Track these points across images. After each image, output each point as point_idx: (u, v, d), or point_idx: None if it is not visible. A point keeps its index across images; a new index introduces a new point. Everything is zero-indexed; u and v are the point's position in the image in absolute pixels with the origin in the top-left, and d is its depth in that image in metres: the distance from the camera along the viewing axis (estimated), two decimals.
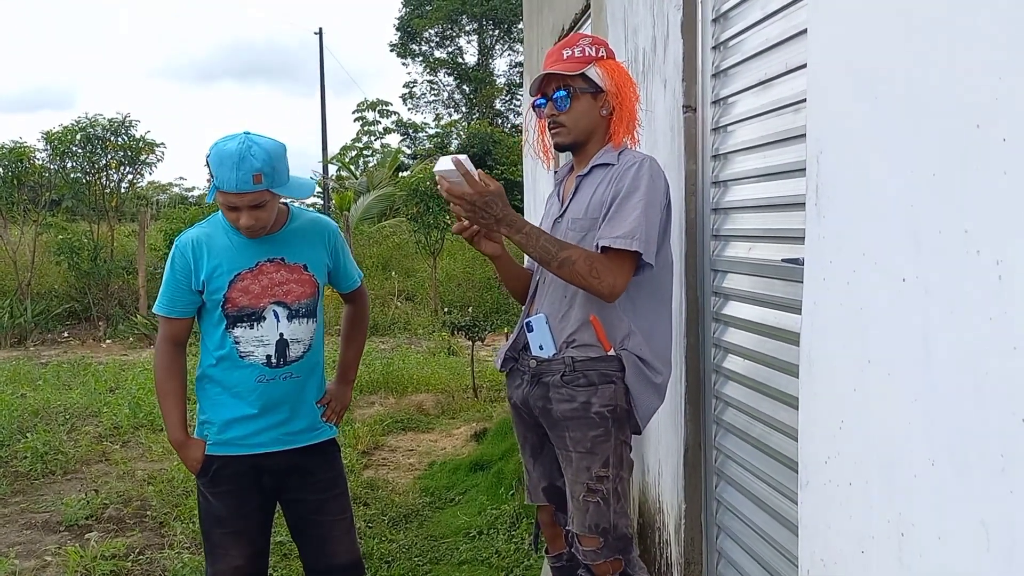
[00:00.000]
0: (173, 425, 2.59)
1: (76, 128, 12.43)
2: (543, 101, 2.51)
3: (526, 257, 2.52)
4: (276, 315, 2.56)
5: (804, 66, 1.77)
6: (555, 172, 2.71)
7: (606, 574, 2.41)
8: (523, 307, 2.59)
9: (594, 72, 2.43)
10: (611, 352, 2.36)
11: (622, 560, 2.41)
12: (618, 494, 2.39)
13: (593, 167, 2.46)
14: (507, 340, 2.73)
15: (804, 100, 1.75)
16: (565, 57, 2.45)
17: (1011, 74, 1.08)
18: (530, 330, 2.46)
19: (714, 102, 2.61)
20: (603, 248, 2.28)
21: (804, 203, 1.67)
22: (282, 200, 2.58)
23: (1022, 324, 1.07)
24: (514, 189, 21.65)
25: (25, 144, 12.38)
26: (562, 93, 2.45)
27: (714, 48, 2.60)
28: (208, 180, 2.48)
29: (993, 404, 1.13)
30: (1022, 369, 1.07)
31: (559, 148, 2.54)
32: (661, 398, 2.46)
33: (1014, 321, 1.08)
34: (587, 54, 2.45)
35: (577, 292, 2.38)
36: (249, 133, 2.45)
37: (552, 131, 2.51)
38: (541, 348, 2.44)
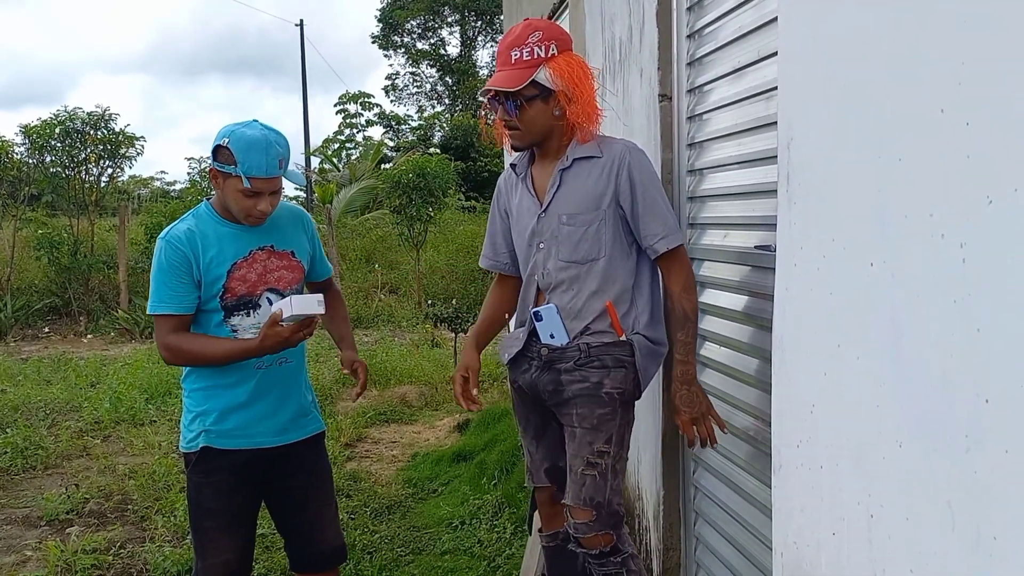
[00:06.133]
0: (243, 343, 2.49)
1: (55, 122, 12.26)
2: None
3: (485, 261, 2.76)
4: (270, 302, 2.57)
5: (776, 54, 1.78)
6: (512, 166, 2.63)
7: (596, 547, 2.42)
8: (521, 302, 2.60)
9: (544, 76, 2.35)
10: (623, 338, 2.40)
11: (613, 535, 2.42)
12: (615, 471, 2.42)
13: (574, 160, 2.43)
14: (508, 333, 2.74)
15: (776, 88, 1.76)
16: (513, 60, 2.37)
17: (974, 60, 1.09)
18: (539, 319, 2.47)
19: (689, 90, 2.61)
20: (661, 254, 2.37)
21: (777, 190, 1.68)
22: None
23: (986, 307, 1.08)
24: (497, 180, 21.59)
25: (2, 138, 12.24)
26: (511, 104, 2.39)
27: (689, 36, 2.60)
28: (216, 171, 2.44)
29: (958, 386, 1.14)
30: (986, 351, 1.09)
31: (516, 149, 2.52)
32: (660, 364, 2.53)
33: (978, 304, 1.10)
34: (536, 55, 2.35)
35: (585, 284, 2.42)
36: (257, 120, 2.49)
37: (508, 133, 2.47)
38: (552, 337, 2.46)
